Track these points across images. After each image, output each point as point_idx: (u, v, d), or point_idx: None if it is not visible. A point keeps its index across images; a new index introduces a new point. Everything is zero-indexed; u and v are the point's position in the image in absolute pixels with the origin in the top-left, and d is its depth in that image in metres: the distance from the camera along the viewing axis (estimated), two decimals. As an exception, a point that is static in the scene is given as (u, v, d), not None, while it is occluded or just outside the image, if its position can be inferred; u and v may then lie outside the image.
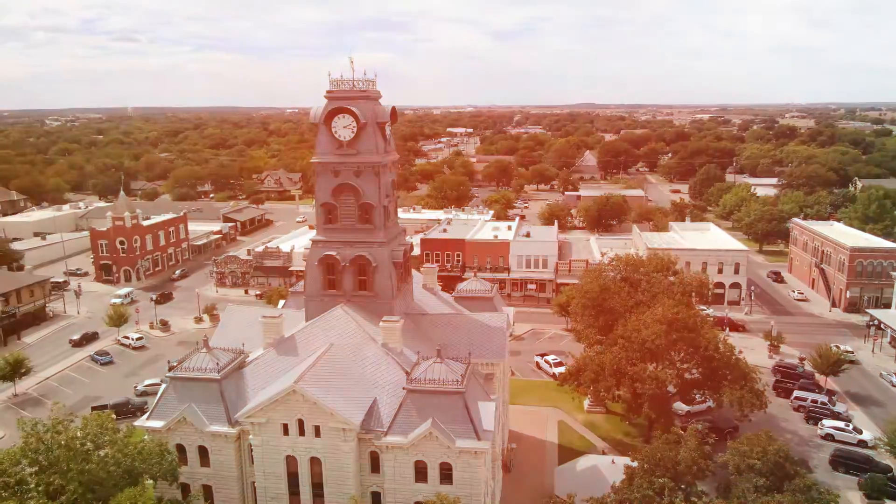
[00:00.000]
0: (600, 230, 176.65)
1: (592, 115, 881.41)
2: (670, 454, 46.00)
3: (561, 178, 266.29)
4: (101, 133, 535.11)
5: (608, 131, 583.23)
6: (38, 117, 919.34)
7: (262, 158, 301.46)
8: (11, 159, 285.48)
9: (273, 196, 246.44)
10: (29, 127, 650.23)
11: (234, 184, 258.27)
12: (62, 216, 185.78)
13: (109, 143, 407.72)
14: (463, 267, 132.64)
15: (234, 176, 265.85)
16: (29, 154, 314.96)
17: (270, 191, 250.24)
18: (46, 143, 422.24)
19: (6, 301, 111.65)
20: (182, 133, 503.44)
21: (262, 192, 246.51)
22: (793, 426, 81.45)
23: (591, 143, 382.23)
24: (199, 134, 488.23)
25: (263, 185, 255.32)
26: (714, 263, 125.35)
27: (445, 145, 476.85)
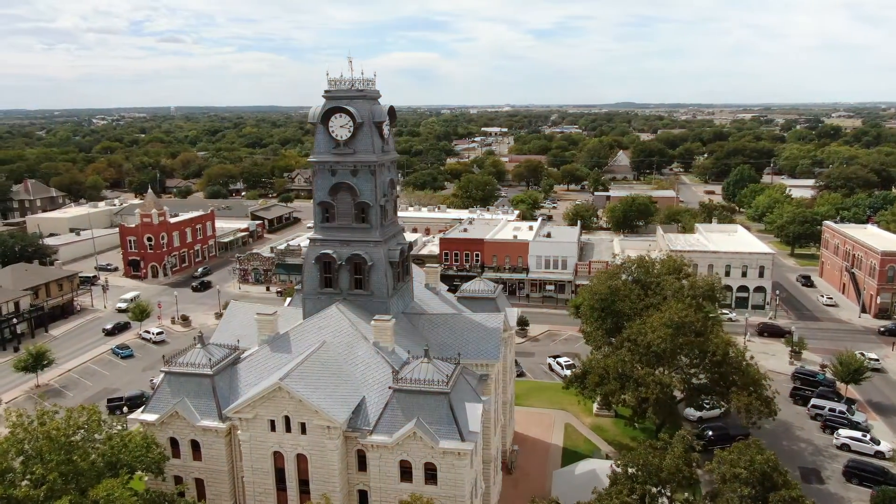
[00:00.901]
0: (626, 231, 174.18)
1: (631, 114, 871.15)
2: (654, 460, 45.02)
3: (591, 178, 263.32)
4: (144, 132, 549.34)
5: (645, 131, 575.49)
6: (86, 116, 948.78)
7: (294, 157, 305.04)
8: (55, 157, 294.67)
9: (303, 195, 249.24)
10: (76, 126, 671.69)
11: (265, 182, 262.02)
12: (97, 213, 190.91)
13: (150, 142, 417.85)
14: (482, 266, 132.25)
15: (266, 174, 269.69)
16: (71, 152, 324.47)
17: (301, 189, 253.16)
18: (91, 141, 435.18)
19: (35, 295, 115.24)
20: (220, 132, 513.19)
21: (293, 191, 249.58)
22: (808, 435, 79.17)
23: (626, 143, 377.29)
24: (237, 133, 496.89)
25: (294, 183, 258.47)
26: (738, 266, 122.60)
27: (479, 144, 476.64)
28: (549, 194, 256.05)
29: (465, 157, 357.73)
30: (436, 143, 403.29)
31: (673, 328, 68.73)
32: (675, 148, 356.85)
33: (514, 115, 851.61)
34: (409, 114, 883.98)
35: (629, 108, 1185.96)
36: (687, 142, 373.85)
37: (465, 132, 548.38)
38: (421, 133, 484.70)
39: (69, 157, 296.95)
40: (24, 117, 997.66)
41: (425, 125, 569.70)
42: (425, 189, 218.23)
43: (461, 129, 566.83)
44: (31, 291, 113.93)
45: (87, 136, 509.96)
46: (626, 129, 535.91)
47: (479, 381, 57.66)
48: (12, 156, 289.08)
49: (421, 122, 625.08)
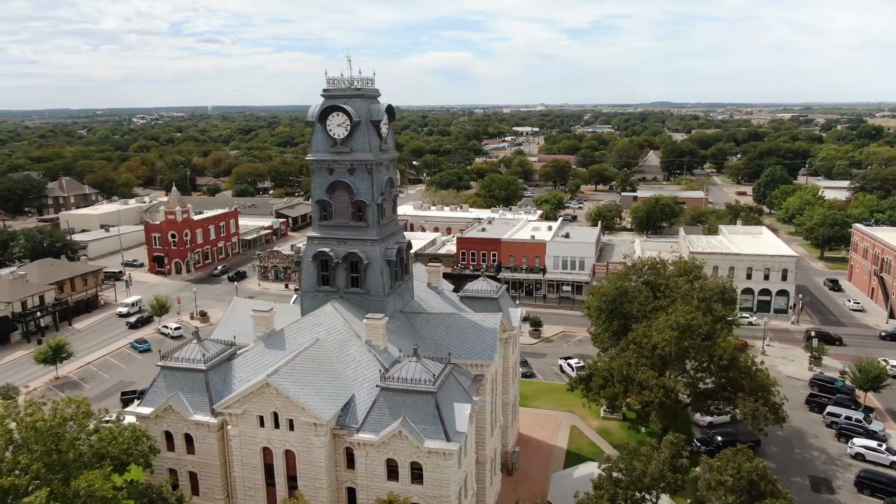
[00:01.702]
0: (649, 232, 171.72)
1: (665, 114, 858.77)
2: (639, 465, 44.17)
3: (618, 178, 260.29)
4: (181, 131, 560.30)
5: (679, 131, 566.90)
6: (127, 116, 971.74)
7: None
8: (91, 155, 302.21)
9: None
10: (117, 125, 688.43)
11: (293, 181, 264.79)
12: (127, 210, 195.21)
13: (184, 141, 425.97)
14: (498, 266, 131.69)
15: (294, 173, 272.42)
16: (107, 150, 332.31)
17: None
18: (129, 140, 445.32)
19: (60, 289, 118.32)
20: (254, 131, 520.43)
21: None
22: (821, 443, 77.02)
23: (658, 143, 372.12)
24: (270, 132, 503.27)
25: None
26: (760, 269, 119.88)
27: (509, 144, 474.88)
28: (575, 194, 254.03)
29: (494, 157, 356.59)
30: (465, 143, 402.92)
31: (678, 331, 67.45)
32: (707, 148, 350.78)
33: (546, 114, 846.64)
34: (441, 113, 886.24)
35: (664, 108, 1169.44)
36: (720, 142, 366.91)
37: (495, 132, 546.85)
38: (451, 133, 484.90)
39: (105, 156, 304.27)
40: (67, 116, 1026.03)
41: (456, 124, 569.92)
42: (449, 188, 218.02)
43: (492, 128, 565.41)
44: (56, 286, 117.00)
45: (126, 134, 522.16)
46: (659, 129, 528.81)
47: (473, 381, 57.45)
48: (50, 154, 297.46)
49: (452, 121, 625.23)
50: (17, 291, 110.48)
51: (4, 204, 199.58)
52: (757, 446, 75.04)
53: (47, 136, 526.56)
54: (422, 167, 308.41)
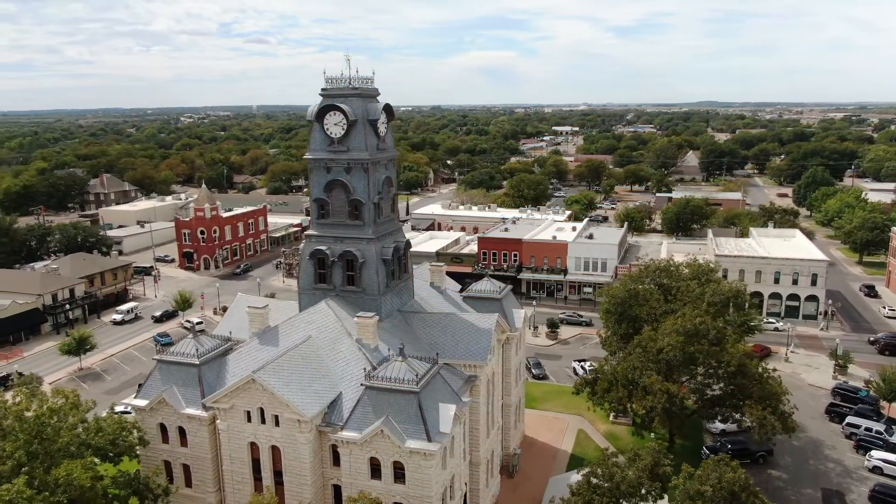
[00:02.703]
0: (679, 234, 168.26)
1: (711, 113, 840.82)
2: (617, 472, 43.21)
3: (654, 178, 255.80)
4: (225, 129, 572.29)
5: (723, 131, 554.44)
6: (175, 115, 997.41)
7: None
8: (135, 153, 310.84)
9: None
10: (164, 124, 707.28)
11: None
12: (163, 206, 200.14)
13: (226, 139, 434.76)
14: (519, 267, 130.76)
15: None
16: (150, 149, 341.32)
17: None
18: (174, 138, 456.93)
19: (91, 283, 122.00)
20: (294, 130, 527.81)
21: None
22: (838, 454, 74.28)
23: (698, 144, 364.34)
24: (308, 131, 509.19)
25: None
26: (788, 273, 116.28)
27: (547, 144, 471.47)
28: (609, 195, 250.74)
29: (530, 157, 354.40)
30: (502, 142, 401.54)
31: (684, 335, 65.95)
32: (750, 148, 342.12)
33: (587, 114, 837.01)
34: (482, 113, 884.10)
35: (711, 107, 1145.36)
36: (764, 142, 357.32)
37: (533, 131, 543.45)
38: (489, 132, 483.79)
39: (148, 154, 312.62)
40: (119, 115, 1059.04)
41: (495, 124, 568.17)
42: (478, 188, 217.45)
43: (530, 128, 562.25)
44: (86, 279, 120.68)
45: (172, 133, 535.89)
46: (702, 129, 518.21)
47: (465, 381, 57.13)
48: (96, 152, 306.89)
49: (491, 121, 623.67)
50: (49, 284, 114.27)
51: (48, 200, 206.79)
52: (769, 456, 72.96)
53: (98, 134, 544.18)
54: (456, 166, 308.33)
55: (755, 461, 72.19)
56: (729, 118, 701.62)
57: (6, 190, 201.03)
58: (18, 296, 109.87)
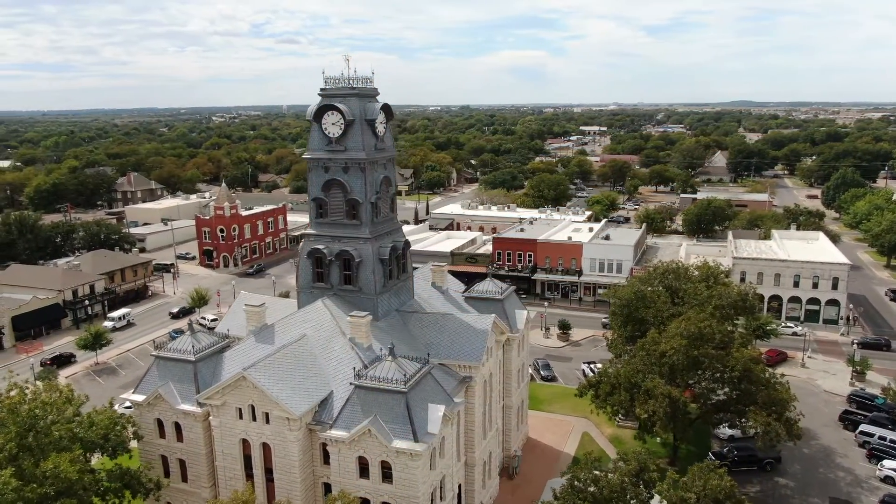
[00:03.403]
0: (700, 236, 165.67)
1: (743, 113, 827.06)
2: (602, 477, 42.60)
3: (679, 179, 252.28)
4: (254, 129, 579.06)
5: (755, 131, 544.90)
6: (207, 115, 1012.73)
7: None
8: (164, 152, 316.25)
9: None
10: (196, 123, 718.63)
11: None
12: (187, 205, 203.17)
13: (255, 139, 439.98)
14: (534, 267, 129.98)
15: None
16: (178, 147, 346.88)
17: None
18: (204, 137, 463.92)
19: (111, 279, 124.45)
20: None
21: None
22: (850, 463, 72.42)
23: (727, 144, 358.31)
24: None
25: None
26: (808, 277, 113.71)
27: (574, 144, 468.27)
28: (632, 195, 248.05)
29: (555, 157, 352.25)
30: (528, 142, 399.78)
31: (688, 339, 64.85)
32: (780, 149, 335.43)
33: (617, 114, 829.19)
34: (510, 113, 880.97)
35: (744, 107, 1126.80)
36: (795, 142, 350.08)
37: (560, 131, 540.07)
38: (516, 132, 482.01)
39: (176, 152, 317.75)
40: (153, 115, 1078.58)
41: (521, 123, 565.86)
42: (498, 188, 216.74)
43: (557, 127, 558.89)
44: (106, 276, 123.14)
45: (202, 132, 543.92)
46: (733, 129, 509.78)
47: (460, 382, 56.95)
48: (126, 150, 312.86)
49: (518, 120, 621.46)
50: (70, 280, 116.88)
51: (77, 198, 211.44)
52: (777, 463, 71.55)
53: (131, 133, 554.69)
54: (479, 166, 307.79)
55: (762, 468, 70.87)
56: (762, 118, 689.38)
57: (37, 187, 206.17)
58: (40, 291, 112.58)
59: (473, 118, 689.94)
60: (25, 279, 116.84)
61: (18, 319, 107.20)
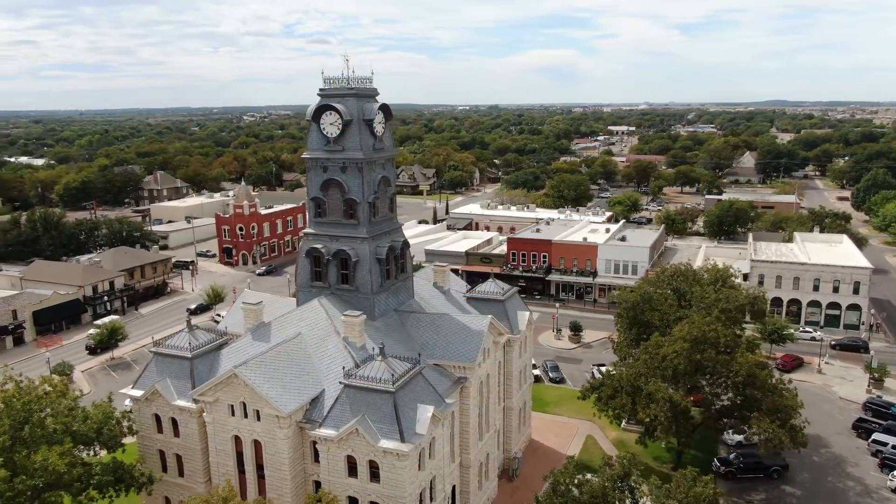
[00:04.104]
0: (723, 237, 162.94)
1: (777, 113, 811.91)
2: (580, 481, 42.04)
3: (704, 179, 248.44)
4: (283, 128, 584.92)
5: (788, 131, 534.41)
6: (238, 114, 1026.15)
7: (403, 154, 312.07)
8: (192, 151, 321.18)
9: (406, 190, 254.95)
10: (227, 122, 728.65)
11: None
12: (210, 203, 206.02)
13: (282, 138, 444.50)
14: (548, 268, 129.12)
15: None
16: (206, 146, 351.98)
17: (404, 185, 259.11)
18: (233, 136, 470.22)
19: (131, 276, 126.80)
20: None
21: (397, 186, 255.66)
22: (860, 472, 70.60)
23: (758, 144, 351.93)
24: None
25: (399, 179, 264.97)
26: (828, 281, 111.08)
27: (601, 144, 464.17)
28: (657, 196, 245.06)
29: (579, 157, 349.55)
30: (553, 142, 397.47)
31: (690, 342, 63.83)
32: (812, 149, 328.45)
33: (647, 113, 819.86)
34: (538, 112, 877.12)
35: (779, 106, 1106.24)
36: (828, 143, 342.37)
37: (588, 131, 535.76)
38: (542, 131, 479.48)
39: (203, 151, 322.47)
40: (186, 114, 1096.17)
41: (549, 123, 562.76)
42: (519, 188, 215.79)
43: (584, 127, 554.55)
44: (126, 272, 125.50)
45: (232, 131, 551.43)
46: (765, 129, 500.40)
47: (454, 383, 56.79)
48: (156, 149, 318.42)
49: (546, 120, 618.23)
50: (90, 276, 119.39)
51: (104, 195, 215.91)
52: (784, 471, 70.02)
53: (163, 132, 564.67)
54: (502, 165, 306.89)
55: (769, 476, 69.43)
56: (796, 118, 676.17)
57: (66, 185, 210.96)
58: (61, 287, 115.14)
59: (501, 118, 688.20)
60: (48, 275, 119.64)
61: (39, 314, 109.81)
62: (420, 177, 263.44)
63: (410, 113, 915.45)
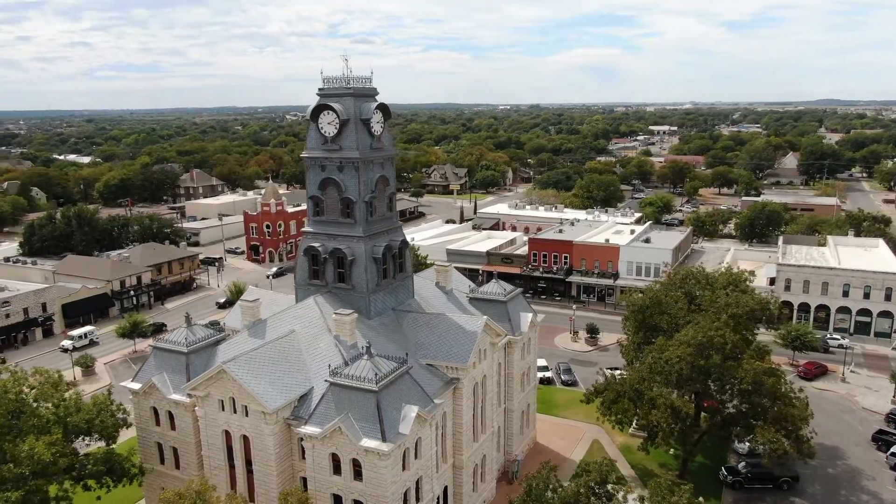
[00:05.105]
0: (753, 241, 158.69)
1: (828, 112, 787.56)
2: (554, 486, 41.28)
3: (742, 181, 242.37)
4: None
5: (837, 131, 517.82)
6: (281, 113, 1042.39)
7: (435, 153, 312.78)
8: (230, 149, 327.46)
9: (437, 190, 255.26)
10: (269, 122, 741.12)
11: (404, 177, 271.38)
12: (243, 201, 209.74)
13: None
14: (569, 269, 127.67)
15: (408, 169, 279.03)
16: (244, 145, 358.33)
17: (435, 185, 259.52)
18: (274, 135, 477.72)
19: (158, 271, 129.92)
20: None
21: (427, 186, 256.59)
22: (877, 486, 67.92)
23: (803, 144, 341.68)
24: (401, 129, 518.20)
25: (430, 178, 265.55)
26: (859, 287, 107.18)
27: (640, 144, 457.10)
28: (692, 197, 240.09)
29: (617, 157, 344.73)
30: (591, 142, 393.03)
31: (693, 347, 62.28)
32: (860, 150, 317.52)
33: (690, 113, 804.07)
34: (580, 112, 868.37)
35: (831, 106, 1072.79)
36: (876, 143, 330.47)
37: (627, 130, 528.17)
38: (581, 131, 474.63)
39: (242, 150, 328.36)
40: (231, 114, 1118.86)
41: (588, 123, 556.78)
42: (548, 188, 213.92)
43: (624, 127, 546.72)
44: (153, 268, 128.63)
45: (273, 130, 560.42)
46: (812, 129, 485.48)
47: (446, 383, 56.59)
48: (195, 148, 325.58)
49: (585, 119, 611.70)
50: (118, 271, 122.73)
51: (142, 193, 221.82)
52: (794, 482, 67.75)
53: (207, 131, 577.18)
54: (535, 165, 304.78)
55: (778, 486, 67.32)
56: (846, 117, 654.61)
57: (106, 182, 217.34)
58: (90, 281, 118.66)
59: (540, 117, 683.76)
60: (78, 269, 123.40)
61: (68, 307, 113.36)
62: (452, 176, 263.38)
63: (450, 113, 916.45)
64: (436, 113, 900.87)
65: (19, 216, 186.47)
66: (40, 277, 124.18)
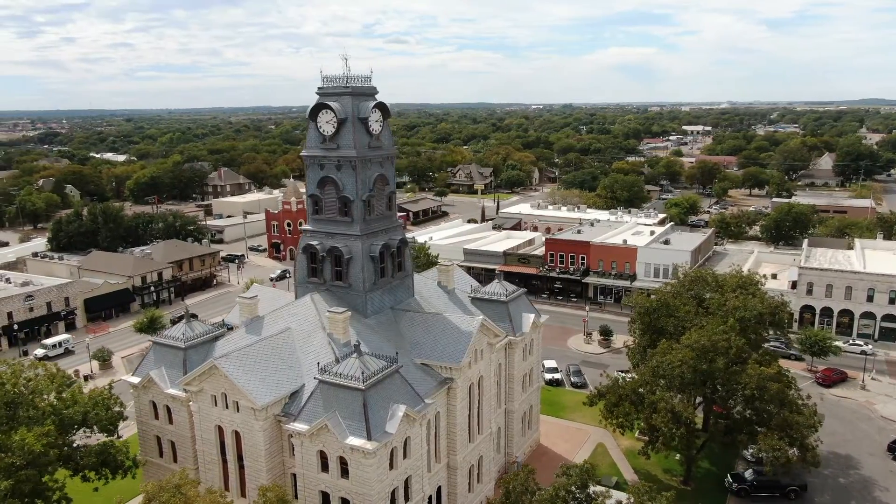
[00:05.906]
0: (780, 243, 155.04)
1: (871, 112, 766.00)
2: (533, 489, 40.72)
3: (772, 182, 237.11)
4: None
5: (879, 131, 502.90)
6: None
7: (461, 153, 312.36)
8: (260, 148, 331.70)
9: (462, 189, 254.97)
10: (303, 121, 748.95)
11: (430, 176, 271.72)
12: (268, 199, 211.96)
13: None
14: (586, 270, 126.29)
15: (434, 168, 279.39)
16: (273, 144, 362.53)
17: (460, 184, 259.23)
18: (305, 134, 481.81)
19: (179, 268, 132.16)
20: (416, 127, 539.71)
21: (452, 185, 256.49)
22: (890, 498, 65.87)
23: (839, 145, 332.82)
24: (431, 129, 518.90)
25: (455, 178, 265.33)
26: (884, 291, 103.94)
27: (673, 144, 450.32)
28: (721, 198, 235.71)
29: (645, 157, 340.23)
30: (622, 141, 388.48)
31: (696, 351, 61.07)
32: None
33: (726, 112, 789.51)
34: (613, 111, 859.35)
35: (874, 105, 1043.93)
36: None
37: (660, 130, 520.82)
38: (612, 131, 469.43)
39: (271, 149, 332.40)
40: (266, 113, 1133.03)
41: (620, 122, 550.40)
42: (572, 188, 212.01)
43: (657, 127, 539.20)
44: (175, 264, 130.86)
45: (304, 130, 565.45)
46: (852, 129, 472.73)
47: (440, 383, 56.38)
48: (226, 147, 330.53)
49: (617, 119, 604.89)
50: (140, 267, 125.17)
51: (171, 190, 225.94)
52: (802, 491, 65.98)
53: (241, 130, 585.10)
54: (562, 165, 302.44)
55: (785, 495, 65.62)
56: (889, 117, 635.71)
57: (137, 180, 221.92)
58: (112, 276, 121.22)
59: (572, 117, 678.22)
60: (102, 265, 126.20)
61: (91, 302, 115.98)
62: (477, 175, 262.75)
63: (482, 112, 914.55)
64: (467, 112, 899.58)
65: (52, 213, 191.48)
66: (66, 272, 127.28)
